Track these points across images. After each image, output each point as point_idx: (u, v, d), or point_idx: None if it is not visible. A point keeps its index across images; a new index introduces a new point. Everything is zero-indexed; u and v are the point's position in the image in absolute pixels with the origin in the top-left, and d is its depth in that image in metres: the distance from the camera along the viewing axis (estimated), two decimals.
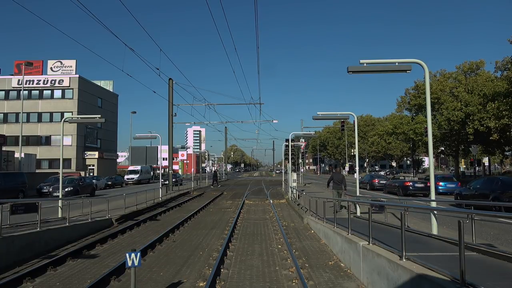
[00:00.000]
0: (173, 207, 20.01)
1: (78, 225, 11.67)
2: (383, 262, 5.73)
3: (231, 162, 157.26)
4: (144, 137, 24.15)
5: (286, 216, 16.47)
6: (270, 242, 10.64)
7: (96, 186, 36.96)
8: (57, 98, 51.44)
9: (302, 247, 9.96)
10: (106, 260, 8.63)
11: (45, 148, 50.10)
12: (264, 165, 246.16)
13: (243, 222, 14.67)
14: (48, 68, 51.23)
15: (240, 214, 16.98)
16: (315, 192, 25.21)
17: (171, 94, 31.22)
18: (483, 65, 47.47)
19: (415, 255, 5.38)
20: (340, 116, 13.64)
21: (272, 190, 33.44)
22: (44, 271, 7.62)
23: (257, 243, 10.58)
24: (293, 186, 22.95)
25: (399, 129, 52.89)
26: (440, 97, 47.83)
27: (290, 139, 25.11)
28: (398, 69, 8.39)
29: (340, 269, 7.76)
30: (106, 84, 61.44)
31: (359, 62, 8.33)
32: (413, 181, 24.83)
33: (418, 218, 11.52)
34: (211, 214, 17.46)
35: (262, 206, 20.78)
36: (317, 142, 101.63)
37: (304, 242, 10.65)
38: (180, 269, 7.87)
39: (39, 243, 9.49)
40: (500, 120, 33.17)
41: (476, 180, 19.32)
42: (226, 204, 22.35)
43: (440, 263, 4.92)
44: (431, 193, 8.48)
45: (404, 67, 8.36)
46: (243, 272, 7.56)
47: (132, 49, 15.47)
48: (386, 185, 28.44)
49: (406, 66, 8.36)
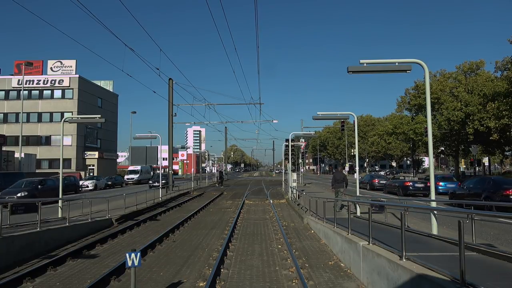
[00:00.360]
0: (173, 207, 20.01)
1: (78, 225, 11.67)
2: (383, 262, 5.73)
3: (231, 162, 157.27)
4: (144, 137, 24.15)
5: (286, 216, 16.47)
6: (270, 242, 10.64)
7: (97, 186, 37.17)
8: (57, 98, 51.46)
9: (302, 247, 9.96)
10: (106, 260, 8.63)
11: (45, 148, 50.11)
12: (264, 165, 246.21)
13: (243, 222, 14.68)
14: (48, 68, 51.25)
15: (240, 214, 16.99)
16: (315, 192, 25.23)
17: (171, 94, 31.22)
18: (483, 65, 47.47)
19: (415, 255, 5.38)
20: (340, 116, 13.64)
21: (272, 190, 33.44)
22: (44, 271, 7.62)
23: (257, 243, 10.58)
24: (293, 186, 22.95)
25: (399, 129, 52.91)
26: (440, 97, 47.82)
27: (290, 139, 25.11)
28: (398, 69, 8.38)
29: (340, 269, 7.76)
30: (106, 84, 61.45)
31: (359, 62, 8.34)
32: (413, 181, 24.83)
33: (418, 218, 11.53)
34: (211, 214, 17.47)
35: (262, 206, 20.79)
36: (317, 142, 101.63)
37: (304, 242, 10.65)
38: (180, 269, 7.88)
39: (39, 243, 9.49)
40: (500, 120, 33.19)
41: (469, 180, 19.51)
42: (226, 204, 22.36)
43: (440, 263, 4.92)
44: (431, 193, 8.48)
45: (404, 67, 8.35)
46: (243, 272, 7.56)
47: (132, 49, 15.47)
48: (386, 185, 28.43)
49: (406, 66, 8.35)
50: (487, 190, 15.18)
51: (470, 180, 19.61)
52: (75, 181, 33.49)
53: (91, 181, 37.41)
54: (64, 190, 30.73)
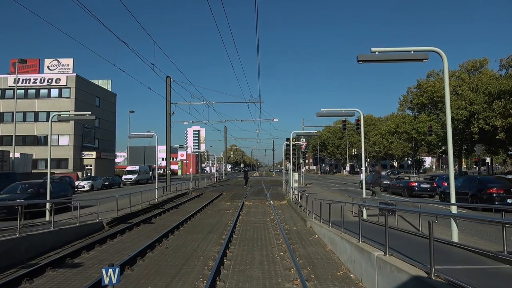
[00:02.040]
0: (169, 209, 19.16)
1: (64, 229, 10.82)
2: (405, 278, 4.90)
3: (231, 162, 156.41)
4: (140, 136, 23.29)
5: (287, 219, 15.64)
6: (271, 249, 9.80)
7: (93, 186, 36.31)
8: (54, 97, 50.54)
9: (307, 254, 9.12)
10: (90, 270, 7.80)
11: (42, 148, 49.12)
12: (264, 165, 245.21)
13: (242, 225, 13.85)
14: (45, 66, 50.38)
15: (239, 216, 16.16)
16: (317, 193, 24.41)
17: (168, 92, 30.42)
18: (487, 63, 46.65)
19: (439, 268, 4.57)
20: (345, 112, 12.80)
21: (273, 190, 32.60)
22: (19, 284, 6.79)
23: (257, 249, 9.75)
24: (294, 186, 22.09)
25: (401, 128, 52.02)
26: (443, 95, 46.91)
27: (291, 138, 24.24)
28: (414, 58, 7.59)
29: (351, 281, 6.93)
30: (104, 83, 60.54)
31: (370, 50, 7.51)
32: (419, 182, 23.98)
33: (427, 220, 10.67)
34: (208, 217, 16.63)
35: (262, 208, 19.96)
36: (318, 142, 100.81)
37: (308, 248, 9.81)
38: (171, 281, 7.04)
39: (18, 250, 8.65)
40: (507, 118, 32.34)
41: (457, 179, 19.61)
42: (225, 205, 21.52)
43: (473, 279, 4.13)
44: (451, 196, 7.63)
45: (420, 56, 7.53)
46: (241, 285, 6.73)
47: (125, 42, 14.63)
48: (390, 185, 27.58)
49: (423, 54, 7.52)
50: (473, 188, 16.49)
51: (457, 179, 20.20)
52: (70, 181, 32.69)
53: (88, 181, 36.55)
54: (58, 191, 30.48)
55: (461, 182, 18.01)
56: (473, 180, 17.41)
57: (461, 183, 17.67)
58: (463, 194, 16.45)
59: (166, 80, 30.48)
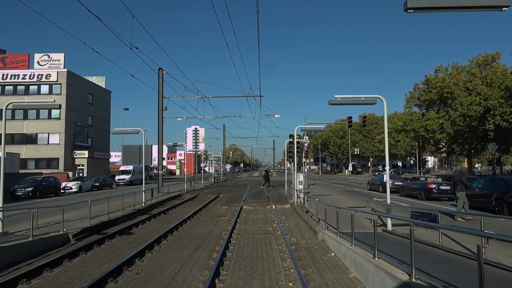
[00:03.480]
0: (156, 214, 16.72)
1: (8, 247, 8.39)
2: None
3: (230, 162, 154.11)
4: (125, 132, 20.92)
5: (293, 228, 13.22)
6: (276, 275, 7.37)
7: (82, 187, 33.88)
8: (44, 94, 48.03)
9: (324, 285, 6.70)
10: None
11: (31, 147, 46.77)
12: (264, 165, 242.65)
13: (239, 238, 11.43)
14: (35, 62, 47.97)
15: (236, 224, 13.77)
16: (323, 195, 22.01)
17: (161, 85, 28.05)
18: (499, 56, 44.30)
19: None
20: (365, 100, 10.39)
21: (274, 192, 30.17)
22: None
23: (258, 276, 7.32)
24: (299, 189, 19.64)
25: (409, 126, 49.59)
26: (453, 91, 44.60)
27: (295, 134, 21.75)
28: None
29: None
30: (98, 80, 58.13)
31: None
32: (437, 183, 21.54)
33: None
34: (200, 225, 14.20)
35: (263, 213, 17.55)
36: (319, 141, 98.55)
37: (325, 274, 7.38)
38: None
39: None
40: None
41: (478, 180, 18.37)
42: (220, 210, 19.10)
43: None
44: None
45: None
46: None
47: (98, 17, 12.24)
48: (403, 187, 25.19)
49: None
50: (498, 190, 14.86)
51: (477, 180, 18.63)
52: (55, 182, 30.34)
53: (75, 182, 34.08)
54: (43, 193, 28.11)
55: (483, 183, 16.68)
56: (497, 181, 15.86)
57: (482, 185, 16.47)
58: (486, 196, 15.44)
59: (158, 73, 28.11)
